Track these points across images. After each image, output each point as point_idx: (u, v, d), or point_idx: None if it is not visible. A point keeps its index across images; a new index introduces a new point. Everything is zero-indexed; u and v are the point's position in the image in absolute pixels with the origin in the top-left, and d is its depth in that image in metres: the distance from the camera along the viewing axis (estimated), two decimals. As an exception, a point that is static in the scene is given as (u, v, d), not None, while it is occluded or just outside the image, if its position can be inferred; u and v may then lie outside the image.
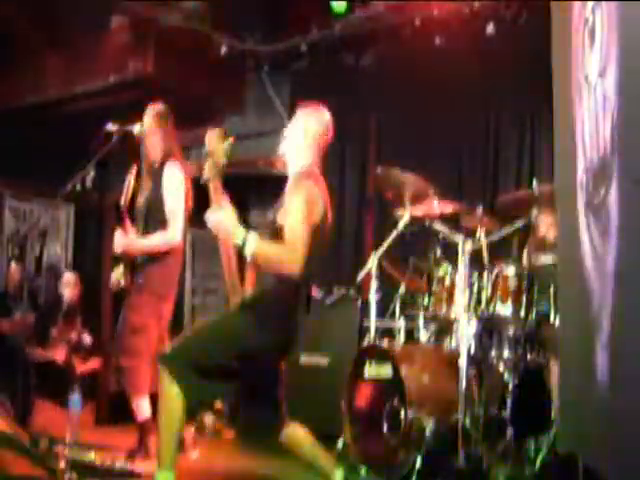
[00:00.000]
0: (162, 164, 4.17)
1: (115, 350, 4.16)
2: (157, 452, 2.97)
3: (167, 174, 4.14)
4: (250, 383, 3.13)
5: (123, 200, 4.15)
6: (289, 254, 2.93)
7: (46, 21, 5.62)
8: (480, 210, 4.23)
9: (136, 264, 4.17)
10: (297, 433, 3.17)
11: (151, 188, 4.17)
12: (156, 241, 4.10)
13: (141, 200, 4.21)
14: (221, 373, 3.02)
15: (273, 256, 2.96)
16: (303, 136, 3.20)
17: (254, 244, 2.89)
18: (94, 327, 7.14)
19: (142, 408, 4.04)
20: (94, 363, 5.75)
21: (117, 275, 4.24)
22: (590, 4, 2.40)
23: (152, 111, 4.25)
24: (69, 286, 6.23)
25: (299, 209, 3.00)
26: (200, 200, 4.33)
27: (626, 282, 2.05)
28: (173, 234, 4.10)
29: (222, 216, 2.96)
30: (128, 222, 4.17)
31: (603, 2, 2.25)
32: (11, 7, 5.34)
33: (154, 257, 4.11)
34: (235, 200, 3.09)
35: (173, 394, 2.92)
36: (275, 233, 3.02)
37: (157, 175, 4.16)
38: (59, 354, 5.75)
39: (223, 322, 3.14)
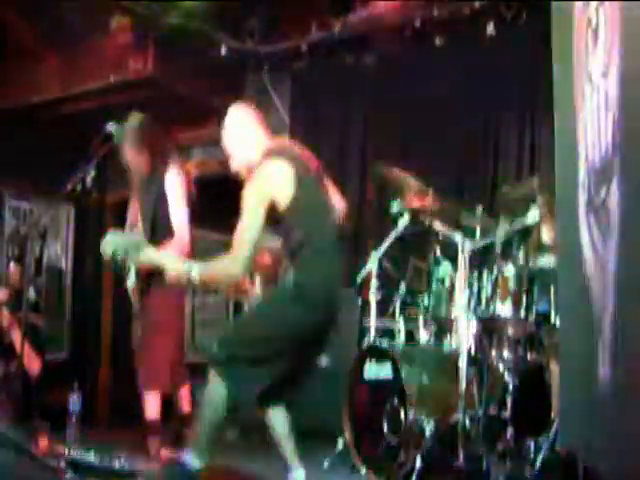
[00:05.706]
0: (153, 172, 4.10)
1: (136, 347, 4.13)
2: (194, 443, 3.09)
3: (168, 184, 4.05)
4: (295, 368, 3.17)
5: (128, 224, 4.12)
6: (231, 264, 3.00)
7: (46, 21, 5.62)
8: (480, 210, 4.23)
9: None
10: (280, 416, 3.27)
11: (153, 199, 4.09)
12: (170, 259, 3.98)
13: (143, 212, 4.15)
14: (268, 364, 3.04)
15: (218, 273, 3.08)
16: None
17: (197, 271, 2.99)
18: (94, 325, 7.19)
19: (152, 407, 4.00)
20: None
21: (130, 283, 4.16)
22: (593, 4, 2.40)
23: (127, 127, 4.10)
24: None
25: (245, 207, 3.04)
26: (201, 200, 4.33)
27: (627, 282, 2.05)
28: (182, 242, 3.98)
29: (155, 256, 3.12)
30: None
31: (606, 2, 2.24)
32: (11, 7, 5.33)
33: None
34: (235, 200, 3.08)
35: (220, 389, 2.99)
36: None
37: (157, 185, 4.09)
38: None
39: (271, 309, 3.15)
